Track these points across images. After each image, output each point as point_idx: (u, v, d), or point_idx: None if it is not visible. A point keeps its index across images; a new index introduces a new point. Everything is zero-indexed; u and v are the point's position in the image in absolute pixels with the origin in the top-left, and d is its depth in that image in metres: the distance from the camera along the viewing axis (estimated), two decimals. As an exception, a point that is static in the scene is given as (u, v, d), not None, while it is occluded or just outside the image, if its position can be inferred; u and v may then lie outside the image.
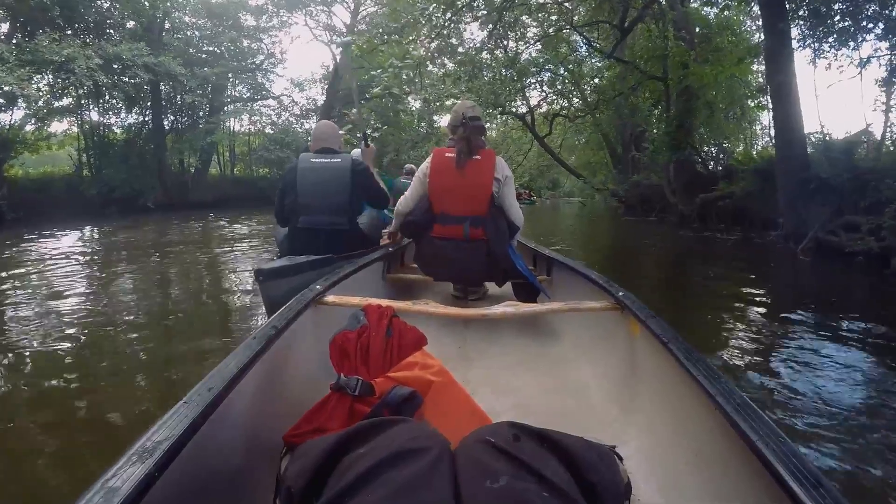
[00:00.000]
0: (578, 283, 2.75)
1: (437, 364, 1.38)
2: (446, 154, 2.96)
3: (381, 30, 24.57)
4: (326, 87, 27.67)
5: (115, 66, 18.68)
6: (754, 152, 14.94)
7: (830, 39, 11.34)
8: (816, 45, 11.48)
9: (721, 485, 1.18)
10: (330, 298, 2.18)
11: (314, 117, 27.53)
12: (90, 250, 9.92)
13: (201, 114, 23.37)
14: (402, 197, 3.27)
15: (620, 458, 1.08)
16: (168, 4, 21.18)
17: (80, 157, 21.71)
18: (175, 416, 1.01)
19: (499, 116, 26.22)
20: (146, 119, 23.40)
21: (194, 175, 24.98)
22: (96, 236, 12.40)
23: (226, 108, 22.73)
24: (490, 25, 18.51)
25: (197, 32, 23.07)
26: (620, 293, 2.13)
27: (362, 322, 1.54)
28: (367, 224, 3.77)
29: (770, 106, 11.24)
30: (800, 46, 11.20)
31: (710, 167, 16.36)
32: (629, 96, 18.75)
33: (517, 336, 2.71)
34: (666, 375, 1.58)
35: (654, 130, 24.75)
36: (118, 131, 23.51)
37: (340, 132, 3.95)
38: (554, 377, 2.23)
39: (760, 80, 17.94)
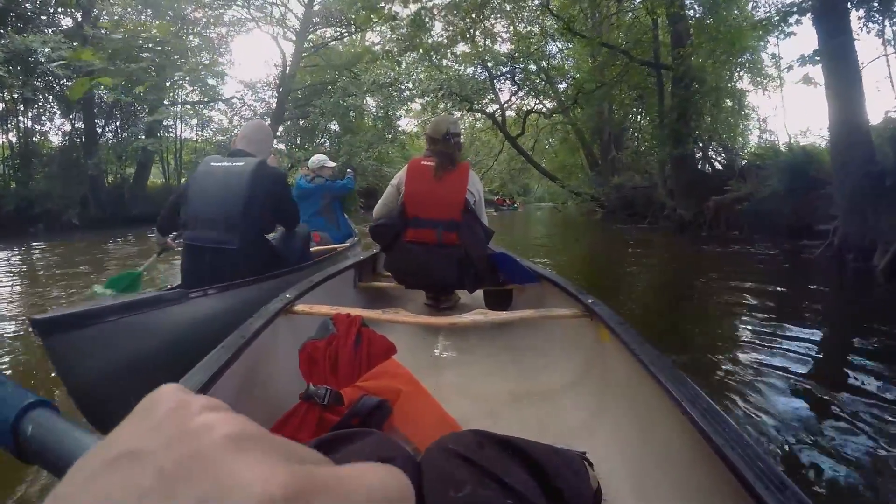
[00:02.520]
0: (548, 290, 2.77)
1: (406, 373, 1.37)
2: (423, 163, 2.97)
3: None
4: (278, 87, 24.59)
5: (41, 62, 16.09)
6: (782, 145, 12.03)
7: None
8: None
9: (689, 488, 1.16)
10: (300, 307, 2.11)
11: (269, 121, 24.50)
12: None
13: (143, 118, 19.76)
14: (377, 205, 3.19)
15: (590, 464, 1.08)
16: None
17: (3, 168, 18.57)
18: None
19: (466, 114, 23.67)
20: (75, 125, 20.15)
21: (131, 186, 21.63)
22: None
23: (159, 110, 19.02)
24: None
25: (121, 29, 19.42)
26: (590, 300, 2.13)
27: (331, 331, 1.51)
28: (285, 240, 3.30)
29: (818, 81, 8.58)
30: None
31: (716, 165, 13.69)
32: (613, 87, 16.10)
33: (488, 344, 2.63)
34: (634, 381, 1.56)
35: (633, 130, 22.42)
36: (55, 139, 20.48)
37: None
38: (525, 384, 2.16)
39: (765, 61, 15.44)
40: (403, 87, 18.29)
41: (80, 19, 18.39)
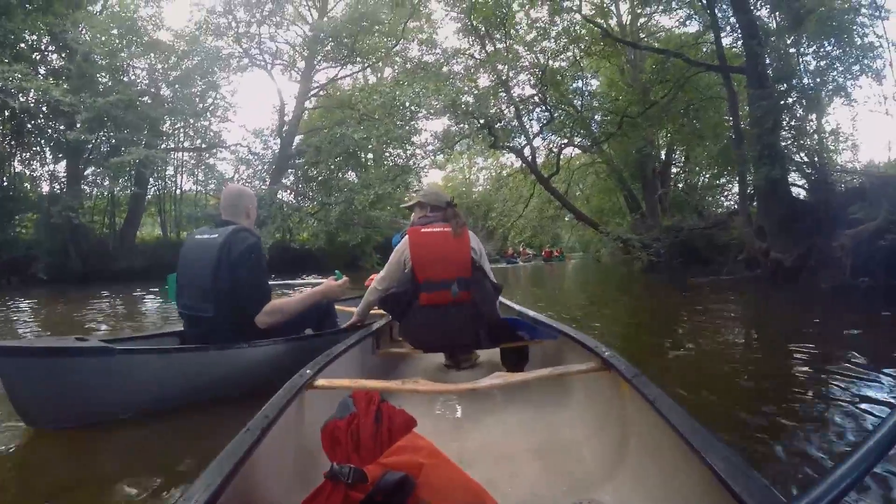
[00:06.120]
0: (564, 343, 2.72)
1: (428, 445, 1.36)
2: (423, 230, 2.94)
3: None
4: (277, 134, 21.98)
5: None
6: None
7: None
8: None
9: None
10: (320, 382, 2.03)
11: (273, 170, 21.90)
12: None
13: (109, 161, 16.64)
14: (377, 277, 3.19)
15: None
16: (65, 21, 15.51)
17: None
18: None
19: (490, 157, 20.65)
20: (54, 170, 17.97)
21: (118, 238, 18.94)
22: None
23: (126, 150, 15.81)
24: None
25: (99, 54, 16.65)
26: (606, 353, 2.06)
27: (351, 409, 1.49)
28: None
29: None
30: None
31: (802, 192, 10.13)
32: (668, 105, 12.93)
33: (509, 403, 2.60)
34: (655, 433, 1.53)
35: (683, 161, 19.14)
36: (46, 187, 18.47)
37: None
38: (547, 441, 2.14)
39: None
40: (405, 110, 15.09)
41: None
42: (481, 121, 14.57)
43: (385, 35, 20.91)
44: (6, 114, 15.90)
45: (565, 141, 18.23)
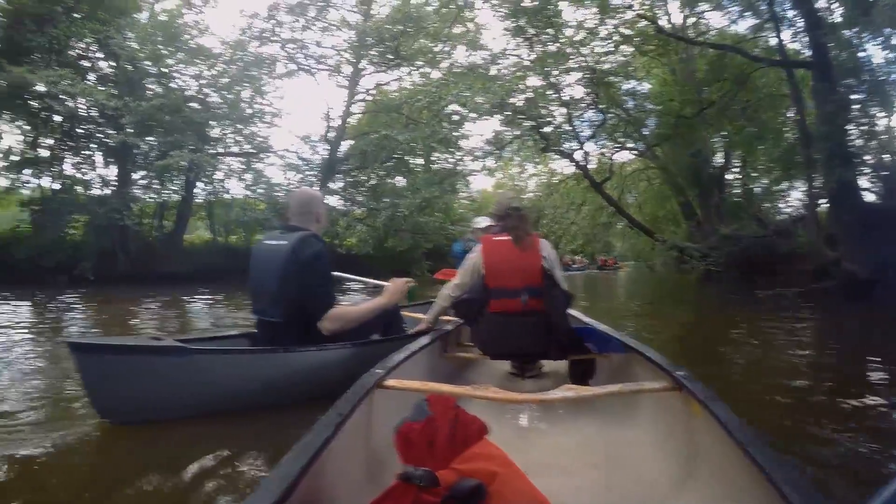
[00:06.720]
0: (633, 359, 2.67)
1: (501, 454, 1.36)
2: (495, 238, 3.06)
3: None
4: (325, 139, 21.86)
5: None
6: None
7: None
8: None
9: None
10: (391, 382, 2.09)
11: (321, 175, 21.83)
12: None
13: (154, 163, 17.25)
14: (449, 283, 3.32)
15: None
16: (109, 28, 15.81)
17: (30, 214, 17.07)
18: None
19: (541, 162, 20.04)
20: (104, 172, 18.29)
21: (166, 240, 19.18)
22: None
23: (170, 154, 16.09)
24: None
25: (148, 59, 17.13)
26: (679, 373, 2.01)
27: (427, 413, 1.49)
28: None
29: None
30: None
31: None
32: (728, 105, 12.09)
33: (576, 418, 2.57)
34: (728, 459, 1.46)
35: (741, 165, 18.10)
36: (96, 188, 18.59)
37: None
38: (614, 459, 2.08)
39: None
40: (450, 110, 14.74)
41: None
42: (531, 122, 14.10)
43: (430, 37, 20.59)
44: (56, 119, 16.35)
45: (618, 146, 17.52)
